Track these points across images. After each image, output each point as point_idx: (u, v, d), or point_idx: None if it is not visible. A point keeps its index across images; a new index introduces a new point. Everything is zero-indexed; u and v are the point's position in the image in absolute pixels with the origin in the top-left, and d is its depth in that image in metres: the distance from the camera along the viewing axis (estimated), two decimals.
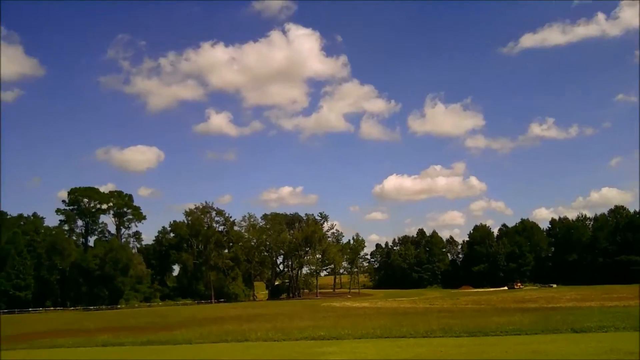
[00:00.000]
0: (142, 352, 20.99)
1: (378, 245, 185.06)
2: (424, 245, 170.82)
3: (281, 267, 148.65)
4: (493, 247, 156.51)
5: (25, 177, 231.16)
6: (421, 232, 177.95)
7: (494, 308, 41.79)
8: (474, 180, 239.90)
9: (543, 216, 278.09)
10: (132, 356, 19.36)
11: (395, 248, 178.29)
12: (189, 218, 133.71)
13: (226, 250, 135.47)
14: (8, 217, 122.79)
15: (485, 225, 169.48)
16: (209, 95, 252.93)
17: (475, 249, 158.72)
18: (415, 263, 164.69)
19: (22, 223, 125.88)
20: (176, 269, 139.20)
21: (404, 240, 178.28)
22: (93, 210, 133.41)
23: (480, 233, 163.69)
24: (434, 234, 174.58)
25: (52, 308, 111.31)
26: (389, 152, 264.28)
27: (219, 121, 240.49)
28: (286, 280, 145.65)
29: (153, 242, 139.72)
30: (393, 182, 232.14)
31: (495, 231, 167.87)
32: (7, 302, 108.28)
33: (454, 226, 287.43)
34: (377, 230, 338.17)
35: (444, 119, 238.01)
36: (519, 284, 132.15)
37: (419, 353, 15.27)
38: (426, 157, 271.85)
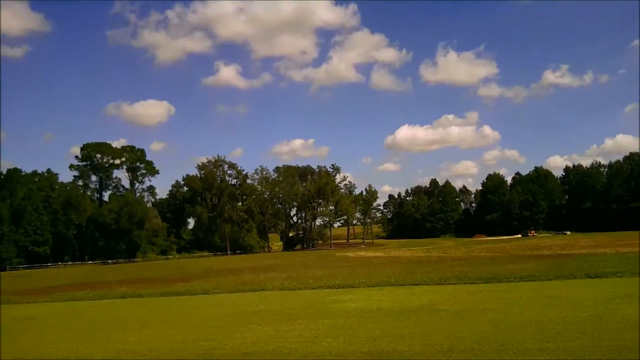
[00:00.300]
0: (161, 302, 21.38)
1: (391, 196, 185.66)
2: (437, 195, 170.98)
3: (295, 219, 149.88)
4: (506, 195, 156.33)
5: (37, 133, 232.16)
6: (434, 182, 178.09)
7: (508, 256, 41.91)
8: (487, 129, 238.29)
9: (557, 164, 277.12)
10: (152, 307, 19.70)
11: (408, 199, 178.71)
12: (202, 172, 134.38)
13: (240, 203, 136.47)
14: (22, 173, 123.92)
15: (499, 174, 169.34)
16: (217, 47, 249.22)
17: (489, 197, 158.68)
18: (428, 213, 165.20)
19: (36, 179, 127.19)
20: (191, 222, 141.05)
21: (417, 191, 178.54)
22: (106, 165, 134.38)
23: (493, 182, 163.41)
24: (447, 183, 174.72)
25: (70, 262, 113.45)
26: (400, 102, 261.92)
27: (228, 74, 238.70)
28: (300, 232, 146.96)
29: (167, 196, 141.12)
30: (405, 133, 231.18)
31: (509, 180, 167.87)
32: (27, 258, 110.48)
33: (467, 176, 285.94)
34: (389, 182, 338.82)
35: (456, 67, 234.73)
36: (533, 232, 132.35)
37: (433, 299, 15.38)
38: (438, 106, 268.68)
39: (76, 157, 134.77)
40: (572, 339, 8.84)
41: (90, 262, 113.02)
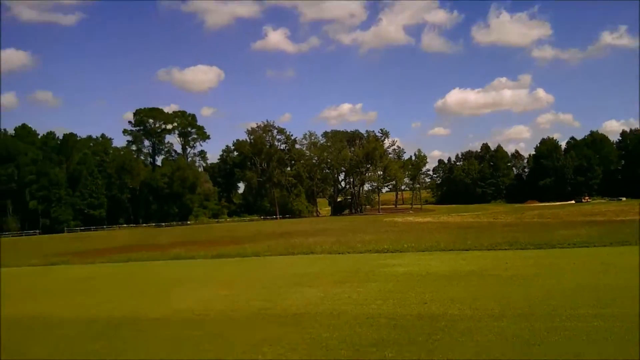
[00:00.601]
0: (213, 264, 21.87)
1: (440, 161, 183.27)
2: (488, 160, 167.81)
3: (343, 184, 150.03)
4: (560, 160, 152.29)
5: (91, 99, 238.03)
6: (485, 146, 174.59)
7: (561, 221, 41.01)
8: (541, 92, 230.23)
9: (613, 128, 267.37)
10: (205, 268, 20.18)
11: (458, 163, 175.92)
12: (251, 137, 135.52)
13: (288, 168, 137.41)
14: (78, 138, 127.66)
15: (553, 138, 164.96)
16: (266, 11, 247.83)
17: (542, 162, 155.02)
18: (478, 178, 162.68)
19: (91, 144, 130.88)
20: (241, 187, 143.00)
21: (467, 156, 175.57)
22: (158, 130, 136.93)
23: (547, 146, 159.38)
24: (499, 148, 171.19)
25: (125, 225, 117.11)
26: (451, 65, 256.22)
27: (276, 38, 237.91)
28: (348, 197, 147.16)
29: (218, 161, 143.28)
30: (456, 97, 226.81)
31: (563, 144, 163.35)
32: (83, 220, 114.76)
33: (520, 140, 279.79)
34: (439, 146, 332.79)
35: (509, 29, 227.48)
36: (587, 198, 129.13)
37: (483, 265, 15.26)
38: (491, 69, 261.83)
39: (129, 122, 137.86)
40: (628, 306, 8.66)
41: (144, 225, 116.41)
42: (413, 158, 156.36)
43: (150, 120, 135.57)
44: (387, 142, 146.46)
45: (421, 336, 7.57)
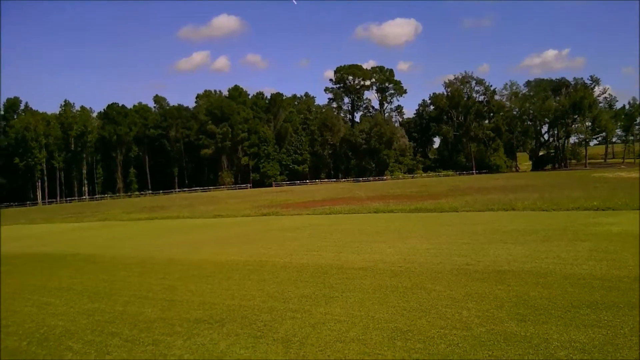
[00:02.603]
0: (411, 218, 22.14)
1: None
2: None
3: (546, 136, 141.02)
4: None
5: (295, 60, 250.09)
6: None
7: None
8: None
9: None
10: (403, 222, 20.51)
11: None
12: (449, 89, 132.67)
13: (487, 121, 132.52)
14: (284, 97, 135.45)
15: None
16: None
17: None
18: None
19: (296, 103, 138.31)
20: (437, 142, 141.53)
21: None
22: (357, 87, 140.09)
23: None
24: None
25: (326, 180, 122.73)
26: None
27: None
28: (551, 151, 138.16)
29: (414, 116, 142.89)
30: None
31: None
32: (288, 175, 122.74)
33: None
34: None
35: None
36: None
37: None
38: None
39: (330, 80, 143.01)
40: None
41: (343, 180, 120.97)
42: (627, 107, 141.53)
43: (350, 77, 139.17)
44: (597, 90, 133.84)
45: None
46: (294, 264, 11.81)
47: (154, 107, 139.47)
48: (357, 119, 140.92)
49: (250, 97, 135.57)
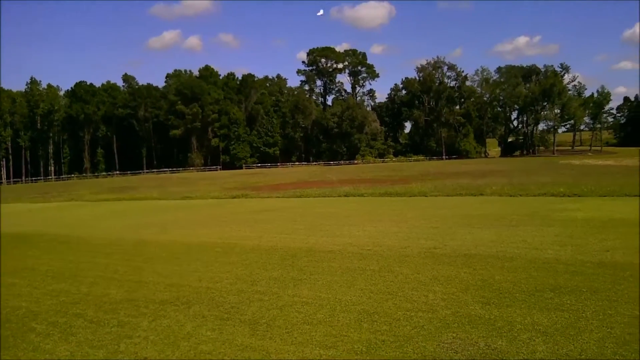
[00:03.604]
0: (381, 202, 22.28)
1: (626, 99, 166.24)
2: None
3: (515, 123, 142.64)
4: None
5: (268, 39, 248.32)
6: None
7: None
8: None
9: None
10: (374, 205, 20.62)
11: None
12: (421, 74, 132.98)
13: (457, 107, 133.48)
14: (256, 79, 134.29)
15: None
16: None
17: None
18: None
19: (267, 85, 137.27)
20: (408, 126, 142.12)
21: None
22: (330, 70, 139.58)
23: None
24: None
25: (297, 163, 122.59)
26: None
27: None
28: (520, 137, 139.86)
29: (386, 100, 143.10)
30: None
31: None
32: (259, 157, 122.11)
33: None
34: (625, 82, 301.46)
35: None
36: None
37: None
38: None
39: (303, 62, 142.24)
40: None
41: (314, 163, 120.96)
42: (595, 95, 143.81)
43: (323, 60, 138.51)
44: (567, 78, 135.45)
45: (603, 285, 7.17)
46: (264, 247, 11.80)
47: (123, 86, 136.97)
48: (330, 102, 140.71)
49: (221, 77, 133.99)
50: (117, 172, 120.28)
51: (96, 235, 15.65)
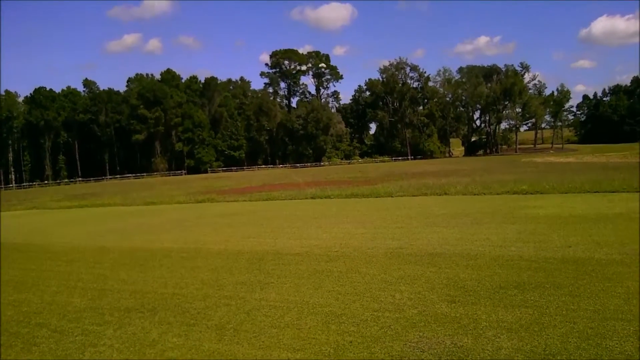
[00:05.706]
0: (348, 203, 22.34)
1: (585, 97, 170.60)
2: (639, 95, 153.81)
3: (478, 122, 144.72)
4: None
5: (230, 40, 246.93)
6: (636, 80, 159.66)
7: None
8: None
9: None
10: (340, 207, 20.66)
11: (604, 99, 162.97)
12: (384, 75, 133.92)
13: (421, 107, 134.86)
14: (219, 82, 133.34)
15: None
16: None
17: None
18: (627, 115, 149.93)
19: (231, 87, 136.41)
20: (373, 127, 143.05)
21: (615, 90, 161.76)
22: (294, 72, 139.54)
23: None
24: None
25: (263, 165, 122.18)
26: None
27: None
28: (483, 137, 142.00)
29: (350, 101, 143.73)
30: (603, 25, 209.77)
31: None
32: (224, 161, 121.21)
33: None
34: (583, 80, 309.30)
35: None
36: None
37: (633, 207, 14.27)
38: None
39: (266, 64, 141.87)
40: None
41: (280, 165, 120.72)
42: (555, 94, 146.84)
43: (286, 62, 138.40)
44: (527, 77, 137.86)
45: (565, 280, 7.31)
46: (230, 251, 11.71)
47: (84, 91, 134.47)
48: (294, 105, 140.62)
49: (183, 80, 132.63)
50: (80, 178, 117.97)
51: (57, 243, 15.33)
